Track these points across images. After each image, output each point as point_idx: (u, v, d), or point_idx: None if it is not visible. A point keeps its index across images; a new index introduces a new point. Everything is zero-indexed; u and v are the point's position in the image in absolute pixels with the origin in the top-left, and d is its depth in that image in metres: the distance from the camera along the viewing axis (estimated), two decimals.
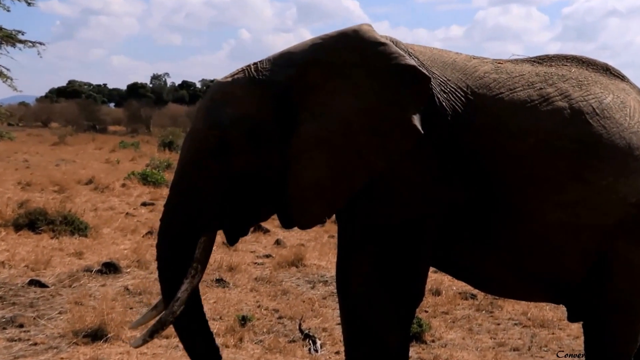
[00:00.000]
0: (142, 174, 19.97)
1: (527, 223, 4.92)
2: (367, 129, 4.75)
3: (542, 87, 5.00)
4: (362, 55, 4.84)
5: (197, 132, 5.02)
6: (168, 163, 23.84)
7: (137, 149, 32.18)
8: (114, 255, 11.21)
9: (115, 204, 16.58)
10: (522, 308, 9.44)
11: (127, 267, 10.60)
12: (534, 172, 4.85)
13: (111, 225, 13.79)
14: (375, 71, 4.79)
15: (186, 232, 4.97)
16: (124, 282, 9.81)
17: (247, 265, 11.26)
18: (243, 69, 5.02)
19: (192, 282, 4.98)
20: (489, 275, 5.25)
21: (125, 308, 8.65)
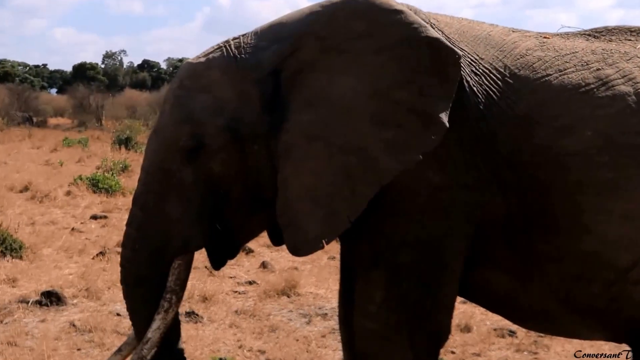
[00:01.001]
0: (91, 179, 19.93)
1: (583, 240, 4.89)
2: (376, 120, 4.70)
3: (599, 67, 4.99)
4: (371, 25, 4.78)
5: (164, 129, 4.99)
6: (125, 165, 23.83)
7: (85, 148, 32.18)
8: (57, 282, 11.19)
9: (58, 217, 16.56)
10: (574, 348, 9.42)
11: (73, 298, 10.57)
12: (592, 175, 4.82)
13: (53, 245, 13.77)
14: (388, 45, 4.74)
15: (155, 255, 4.96)
16: (70, 317, 9.78)
17: (225, 295, 11.24)
18: (220, 46, 5.01)
19: (165, 317, 4.97)
20: (532, 307, 5.22)
21: (72, 349, 8.64)
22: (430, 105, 4.62)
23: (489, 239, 4.91)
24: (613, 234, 4.86)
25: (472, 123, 4.76)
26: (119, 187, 19.60)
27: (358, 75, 4.73)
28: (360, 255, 4.98)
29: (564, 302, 5.11)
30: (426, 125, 4.62)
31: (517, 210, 4.85)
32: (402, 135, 4.65)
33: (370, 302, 4.92)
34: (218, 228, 4.98)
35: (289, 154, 4.77)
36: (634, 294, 5.01)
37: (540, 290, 5.08)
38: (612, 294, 5.03)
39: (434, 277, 4.90)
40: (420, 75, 4.67)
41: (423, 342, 4.97)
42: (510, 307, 5.36)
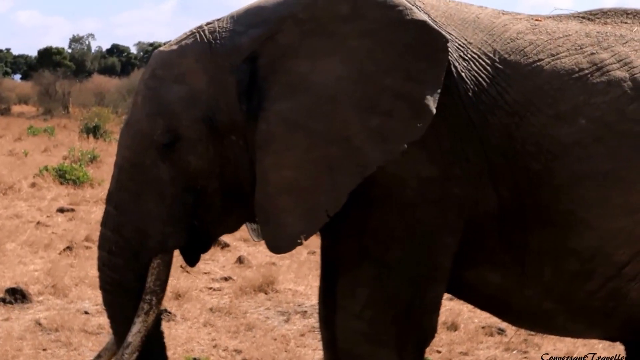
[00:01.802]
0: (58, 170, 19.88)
1: (580, 235, 4.90)
2: (360, 107, 4.68)
3: (594, 51, 4.99)
4: (356, 8, 4.76)
5: (138, 123, 4.97)
6: (93, 155, 23.80)
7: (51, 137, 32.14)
8: (21, 278, 11.16)
9: (23, 210, 16.53)
10: (566, 347, 9.44)
11: (39, 295, 10.55)
12: (589, 165, 4.82)
13: (17, 239, 13.75)
14: (373, 29, 4.72)
15: (133, 257, 4.95)
16: (35, 315, 9.77)
17: (199, 292, 11.23)
18: (194, 33, 4.98)
19: (145, 320, 4.97)
20: (526, 305, 5.23)
21: (37, 349, 8.63)
22: (417, 92, 4.60)
23: (480, 234, 4.91)
24: (612, 228, 4.87)
25: (461, 111, 4.75)
26: (87, 179, 19.56)
27: (341, 60, 4.71)
28: (345, 251, 4.96)
29: (559, 300, 5.12)
30: (413, 112, 4.60)
31: (509, 204, 4.85)
32: (388, 123, 4.63)
33: (354, 300, 4.91)
34: (195, 224, 4.96)
35: (267, 145, 4.74)
36: (629, 291, 5.03)
37: (534, 288, 5.08)
38: (608, 291, 5.04)
39: (423, 274, 4.89)
40: (406, 60, 4.66)
41: (409, 342, 4.97)
42: (502, 306, 5.36)
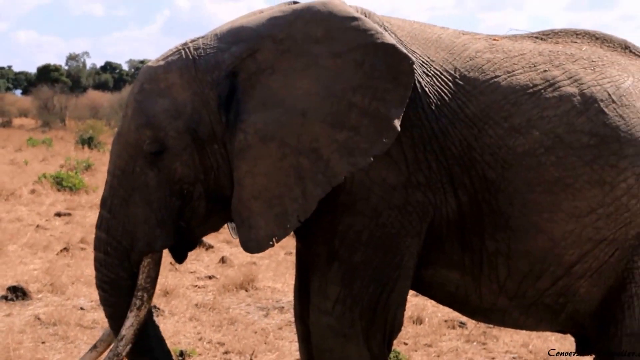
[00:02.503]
0: (55, 178, 19.82)
1: (532, 239, 4.93)
2: (330, 122, 4.69)
3: (546, 69, 5.01)
4: (328, 30, 4.77)
5: (127, 134, 4.95)
6: (88, 164, 23.75)
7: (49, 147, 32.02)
8: (22, 277, 11.13)
9: (23, 214, 16.45)
10: (522, 339, 9.47)
11: (38, 292, 10.52)
12: (540, 174, 4.85)
13: (18, 241, 13.70)
14: (345, 50, 4.73)
15: (124, 256, 4.95)
16: (35, 311, 9.73)
17: (185, 289, 11.21)
18: (179, 49, 4.97)
19: (138, 315, 4.96)
20: (483, 302, 5.25)
21: (37, 342, 8.59)
22: (383, 110, 4.62)
23: (441, 237, 4.93)
24: (561, 231, 4.90)
25: (424, 123, 4.77)
26: (82, 185, 19.52)
27: (314, 78, 4.72)
28: (317, 253, 4.97)
29: (513, 298, 5.14)
30: (379, 129, 4.62)
31: (468, 209, 4.87)
32: (355, 138, 4.65)
33: (326, 298, 4.92)
34: (182, 226, 4.96)
35: (243, 154, 4.75)
36: (578, 288, 5.06)
37: (490, 287, 5.11)
38: (558, 289, 5.07)
39: (388, 274, 4.90)
40: (375, 80, 4.67)
41: (377, 336, 4.98)
42: (461, 302, 5.37)
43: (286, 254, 13.02)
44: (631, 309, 5.08)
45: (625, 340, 5.14)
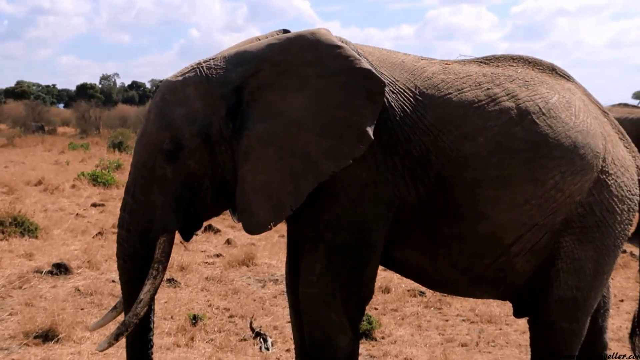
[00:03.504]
0: (91, 175, 19.74)
1: (476, 224, 4.95)
2: (318, 131, 4.72)
3: (489, 87, 5.02)
4: (317, 55, 4.81)
5: (149, 134, 4.95)
6: (118, 164, 23.65)
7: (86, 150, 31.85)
8: (64, 256, 11.08)
9: (65, 205, 16.38)
10: (469, 305, 9.49)
11: (78, 268, 10.49)
12: (485, 172, 4.87)
13: (61, 226, 13.64)
14: (330, 72, 4.76)
15: (144, 235, 4.94)
16: (75, 283, 9.70)
17: (198, 265, 11.20)
18: (194, 67, 4.96)
19: (154, 283, 4.96)
20: (438, 275, 5.27)
21: (76, 309, 8.58)
22: (361, 122, 4.65)
23: (405, 224, 4.94)
24: (502, 218, 4.92)
25: (390, 131, 4.78)
26: (113, 181, 19.44)
27: (306, 95, 4.75)
28: (305, 236, 4.98)
29: (463, 272, 5.16)
30: (357, 137, 4.65)
31: (427, 201, 4.88)
32: (338, 144, 4.68)
33: (311, 273, 4.93)
34: (191, 212, 4.96)
35: (247, 156, 4.77)
36: (515, 264, 5.08)
37: (444, 264, 5.12)
38: (499, 265, 5.09)
39: (362, 253, 4.92)
40: (354, 98, 4.70)
41: (353, 302, 4.98)
42: (421, 276, 5.40)
43: (280, 237, 12.99)
44: (558, 280, 5.11)
45: (553, 306, 5.17)
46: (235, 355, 7.48)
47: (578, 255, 5.10)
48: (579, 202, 5.03)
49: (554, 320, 5.23)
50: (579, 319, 5.29)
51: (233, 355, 7.48)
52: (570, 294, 5.16)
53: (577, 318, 5.28)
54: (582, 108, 5.20)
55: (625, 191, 5.22)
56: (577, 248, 5.09)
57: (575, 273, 5.12)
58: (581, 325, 5.32)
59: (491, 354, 7.94)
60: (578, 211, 5.05)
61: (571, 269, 5.11)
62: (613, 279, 9.52)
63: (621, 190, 5.19)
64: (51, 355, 7.13)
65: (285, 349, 7.67)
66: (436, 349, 7.86)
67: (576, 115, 5.11)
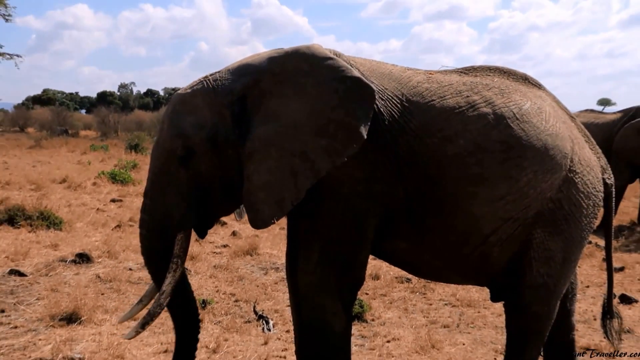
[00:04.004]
0: (111, 174, 19.74)
1: (459, 217, 4.95)
2: (314, 132, 4.71)
3: (468, 95, 5.03)
4: (312, 66, 4.81)
5: (164, 142, 4.95)
6: (134, 163, 23.66)
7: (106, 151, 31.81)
8: (86, 246, 11.10)
9: (87, 200, 16.39)
10: (451, 290, 9.51)
11: (98, 257, 10.51)
12: (465, 170, 4.88)
13: (83, 220, 13.64)
14: (324, 80, 4.76)
15: (162, 233, 4.94)
16: (96, 271, 9.73)
17: (206, 255, 11.21)
18: (201, 80, 4.97)
19: (174, 275, 4.96)
20: (422, 263, 5.29)
21: (97, 294, 8.61)
22: (353, 123, 4.65)
23: (394, 217, 4.95)
24: (480, 212, 4.93)
25: (380, 134, 4.78)
26: (130, 179, 19.45)
27: (303, 101, 4.75)
28: (303, 228, 4.98)
29: (445, 261, 5.18)
30: (350, 137, 4.65)
31: (413, 197, 4.89)
32: (333, 143, 4.67)
33: (309, 262, 4.93)
34: (204, 211, 4.97)
35: (251, 157, 4.76)
36: (492, 253, 5.10)
37: (429, 253, 5.14)
38: (478, 254, 5.10)
39: (354, 243, 4.92)
40: (346, 102, 4.70)
41: (346, 288, 4.99)
42: (408, 265, 5.41)
43: (280, 229, 13.01)
44: (530, 268, 5.12)
45: (526, 291, 5.19)
46: (240, 336, 7.50)
47: (548, 245, 5.11)
48: (549, 197, 5.04)
49: (527, 304, 5.25)
50: (549, 303, 5.31)
51: (238, 336, 7.49)
52: (541, 281, 5.17)
53: (548, 302, 5.30)
54: (551, 114, 5.22)
55: (591, 188, 5.25)
56: (547, 239, 5.10)
57: (546, 262, 5.14)
58: (551, 308, 5.34)
59: (470, 334, 7.96)
60: (549, 206, 5.06)
61: (542, 258, 5.12)
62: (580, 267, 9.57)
63: (587, 187, 5.22)
64: (74, 336, 7.16)
65: (285, 330, 7.68)
66: (421, 330, 7.88)
67: (546, 120, 5.13)
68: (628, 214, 16.34)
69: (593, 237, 10.09)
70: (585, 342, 7.45)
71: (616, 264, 11.44)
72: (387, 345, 7.43)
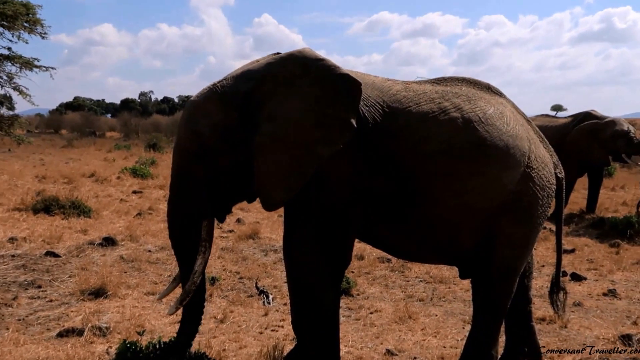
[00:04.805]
0: (132, 169, 19.72)
1: (432, 208, 4.96)
2: (312, 125, 4.72)
3: (440, 101, 5.04)
4: (305, 68, 4.82)
5: (183, 143, 4.94)
6: (153, 160, 23.64)
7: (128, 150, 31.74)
8: (111, 231, 11.09)
9: (112, 192, 16.37)
10: (425, 269, 9.53)
11: (122, 241, 10.50)
12: (438, 167, 4.89)
13: (109, 209, 13.63)
14: (317, 79, 4.78)
15: (189, 221, 4.94)
16: (120, 252, 9.72)
17: (215, 239, 11.15)
18: (210, 87, 4.95)
19: (204, 256, 4.96)
20: (401, 246, 5.30)
21: (121, 272, 8.62)
22: (344, 115, 4.69)
23: (378, 207, 4.95)
24: (452, 203, 4.94)
25: (365, 136, 4.79)
26: (149, 174, 19.43)
27: (299, 99, 4.75)
28: (298, 214, 4.97)
29: (420, 244, 5.19)
30: (343, 127, 4.69)
31: (394, 189, 4.90)
32: (329, 133, 4.69)
33: (302, 243, 4.94)
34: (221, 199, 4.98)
35: (259, 150, 4.76)
36: (463, 238, 5.13)
37: (407, 238, 5.15)
38: (449, 238, 5.12)
39: (343, 228, 4.93)
40: (338, 97, 4.73)
41: (336, 268, 5.00)
42: (389, 247, 5.42)
43: (278, 216, 13.01)
44: (497, 251, 5.15)
45: (491, 270, 5.21)
46: (244, 308, 7.52)
47: (510, 231, 5.13)
48: (510, 190, 5.06)
49: (491, 281, 5.27)
50: (510, 280, 5.33)
51: (242, 308, 7.51)
52: (504, 263, 5.20)
53: (509, 279, 5.32)
54: (512, 117, 5.23)
55: (545, 181, 5.28)
56: (510, 226, 5.12)
57: (509, 245, 5.16)
58: (512, 284, 5.36)
59: (442, 307, 7.98)
60: (510, 197, 5.08)
61: (505, 242, 5.15)
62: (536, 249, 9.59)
63: (542, 180, 5.24)
64: (101, 308, 7.17)
65: (282, 303, 7.70)
66: (400, 303, 7.91)
67: (507, 123, 5.14)
68: (577, 203, 16.38)
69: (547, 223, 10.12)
70: (541, 314, 7.47)
71: (567, 246, 11.50)
72: (370, 316, 7.45)
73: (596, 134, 15.16)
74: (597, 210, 15.65)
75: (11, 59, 11.04)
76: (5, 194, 14.54)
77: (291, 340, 6.34)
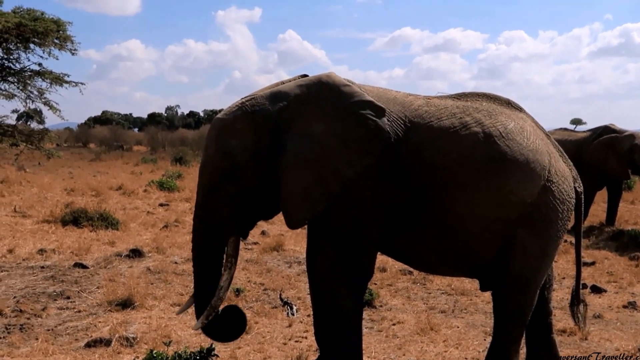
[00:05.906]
0: (159, 182, 19.83)
1: (450, 219, 4.96)
2: (337, 146, 4.75)
3: (461, 116, 5.05)
4: (332, 92, 4.87)
5: (213, 161, 4.94)
6: (179, 174, 23.74)
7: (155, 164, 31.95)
8: (139, 243, 11.17)
9: (139, 204, 16.48)
10: (447, 281, 9.50)
11: (149, 253, 10.57)
12: (457, 179, 4.90)
13: (136, 221, 13.73)
14: (342, 104, 4.83)
15: (215, 238, 4.95)
16: (146, 264, 9.78)
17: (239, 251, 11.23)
18: (239, 106, 4.96)
19: (230, 272, 4.99)
20: (421, 258, 5.30)
21: (148, 284, 8.67)
22: (369, 137, 4.74)
23: (397, 218, 4.96)
24: (466, 213, 4.94)
25: (387, 150, 4.81)
26: (176, 187, 19.52)
27: (325, 121, 4.79)
28: (321, 228, 4.99)
29: (439, 256, 5.18)
30: (366, 150, 4.74)
31: (412, 200, 4.91)
32: (353, 155, 4.74)
33: (324, 255, 4.96)
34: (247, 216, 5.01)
35: (286, 170, 4.80)
36: (481, 249, 5.11)
37: (425, 249, 5.15)
38: (466, 249, 5.11)
39: (365, 242, 4.95)
40: (362, 121, 4.77)
41: (356, 279, 5.01)
42: (408, 259, 5.42)
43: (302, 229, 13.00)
44: (513, 262, 5.13)
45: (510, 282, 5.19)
46: (268, 319, 7.54)
47: (528, 243, 5.11)
48: (529, 203, 5.04)
49: (511, 293, 5.25)
50: (530, 292, 5.31)
51: (267, 319, 7.53)
52: (522, 274, 5.18)
53: (528, 291, 5.30)
54: (532, 132, 5.23)
55: (565, 195, 5.25)
56: (527, 238, 5.10)
57: (526, 257, 5.14)
58: (532, 296, 5.34)
59: (464, 318, 7.95)
60: (529, 210, 5.06)
61: (523, 254, 5.13)
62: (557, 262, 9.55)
63: (562, 194, 5.22)
64: (128, 319, 7.22)
65: (306, 315, 7.71)
66: (421, 314, 7.89)
67: (527, 138, 5.14)
68: (597, 216, 16.25)
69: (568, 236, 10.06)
70: (562, 326, 7.43)
71: (587, 259, 11.42)
72: (392, 327, 7.44)
73: (614, 148, 15.05)
74: (617, 223, 15.51)
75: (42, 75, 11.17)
76: (35, 207, 14.70)
77: (314, 351, 6.35)
